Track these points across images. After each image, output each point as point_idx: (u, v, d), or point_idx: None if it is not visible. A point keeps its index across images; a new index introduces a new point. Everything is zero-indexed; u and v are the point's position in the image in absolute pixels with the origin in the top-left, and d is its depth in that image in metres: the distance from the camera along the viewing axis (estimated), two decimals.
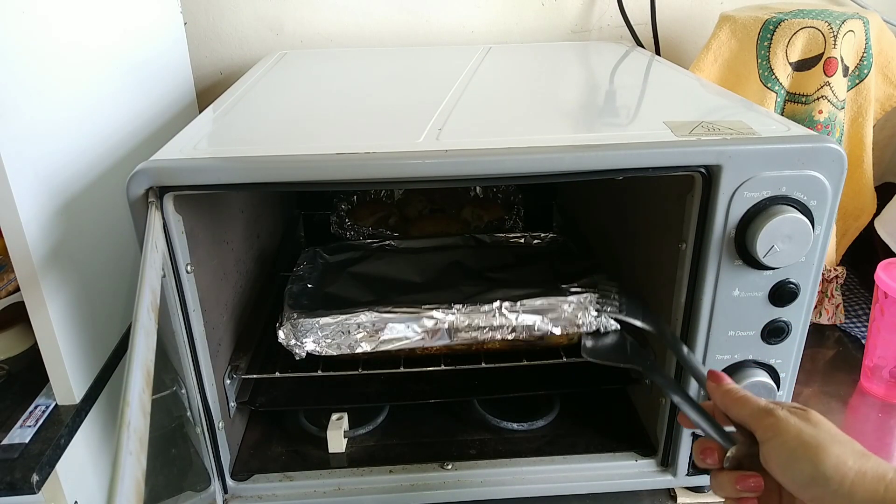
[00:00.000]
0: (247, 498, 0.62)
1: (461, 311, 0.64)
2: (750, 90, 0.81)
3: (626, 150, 0.50)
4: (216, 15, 0.99)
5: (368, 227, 0.93)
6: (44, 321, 0.54)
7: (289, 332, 0.63)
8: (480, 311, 0.64)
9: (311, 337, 0.63)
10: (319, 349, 0.63)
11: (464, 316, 0.64)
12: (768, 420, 0.41)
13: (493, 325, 0.64)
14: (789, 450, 0.40)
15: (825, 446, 0.38)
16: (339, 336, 0.63)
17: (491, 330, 0.64)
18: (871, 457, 0.38)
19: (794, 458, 0.39)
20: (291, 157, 0.50)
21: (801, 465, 0.39)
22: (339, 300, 0.69)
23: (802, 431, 0.40)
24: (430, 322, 0.64)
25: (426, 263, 0.77)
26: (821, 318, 0.88)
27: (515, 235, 0.84)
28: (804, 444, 0.39)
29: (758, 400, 0.43)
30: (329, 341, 0.63)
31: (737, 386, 0.46)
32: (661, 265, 0.61)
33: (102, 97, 0.66)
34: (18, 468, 0.51)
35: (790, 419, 0.41)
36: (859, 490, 0.37)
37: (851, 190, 0.85)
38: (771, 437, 0.41)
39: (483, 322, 0.64)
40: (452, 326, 0.64)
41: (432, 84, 0.75)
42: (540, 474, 0.63)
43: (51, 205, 0.55)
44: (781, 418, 0.41)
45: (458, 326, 0.64)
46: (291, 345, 0.63)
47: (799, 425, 0.40)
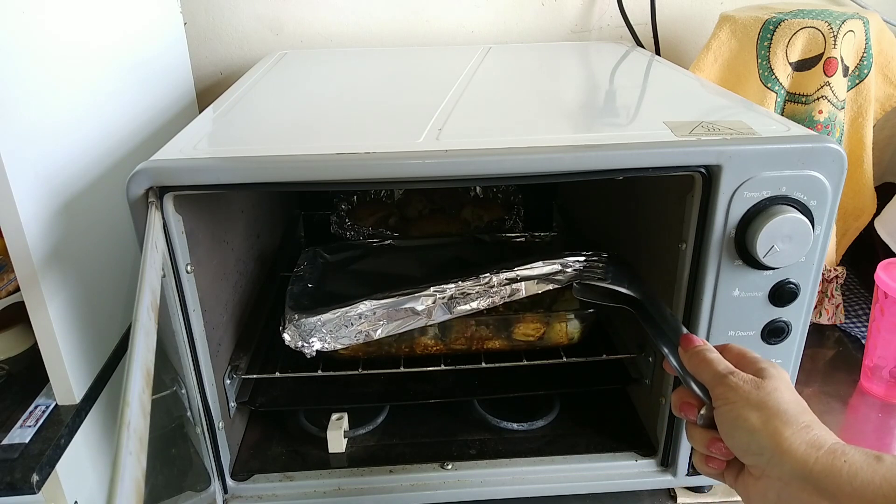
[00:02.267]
0: (247, 498, 0.62)
1: (458, 283, 0.63)
2: (750, 90, 0.81)
3: (626, 150, 0.50)
4: (216, 15, 0.99)
5: (368, 227, 0.93)
6: (44, 321, 0.54)
7: (294, 334, 0.63)
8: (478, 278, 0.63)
9: (317, 335, 0.63)
10: (327, 346, 0.63)
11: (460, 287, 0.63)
12: (720, 388, 0.42)
13: (488, 290, 0.63)
14: (731, 418, 0.40)
15: (765, 417, 0.39)
16: (343, 329, 0.63)
17: (488, 296, 0.63)
18: (813, 429, 0.38)
19: (735, 426, 0.40)
20: (291, 157, 0.50)
21: (739, 433, 0.40)
22: (340, 297, 0.69)
23: (748, 401, 0.40)
24: (429, 299, 0.63)
25: (427, 259, 0.77)
26: (821, 318, 0.88)
27: (516, 235, 0.85)
28: (745, 414, 0.40)
29: (718, 364, 0.43)
30: (334, 336, 0.63)
31: (708, 347, 0.45)
32: (661, 265, 0.61)
33: (102, 97, 0.66)
34: (18, 468, 0.51)
35: (740, 388, 0.41)
36: (789, 459, 0.37)
37: (851, 190, 0.85)
38: (720, 404, 0.42)
39: (479, 288, 0.63)
40: (452, 296, 0.63)
41: (432, 84, 0.75)
42: (540, 474, 0.63)
43: (51, 205, 0.55)
44: (731, 386, 0.41)
45: (455, 295, 0.63)
46: (299, 346, 0.63)
47: (747, 394, 0.40)
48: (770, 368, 0.42)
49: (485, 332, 0.68)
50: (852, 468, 0.35)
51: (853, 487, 0.34)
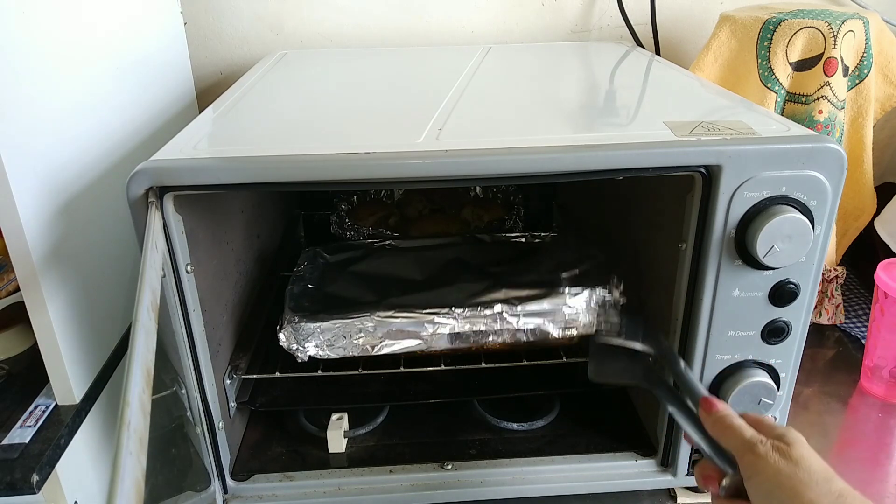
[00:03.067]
0: (247, 498, 0.62)
1: (462, 315, 0.64)
2: (750, 90, 0.81)
3: (626, 150, 0.50)
4: (216, 15, 0.99)
5: (368, 228, 0.93)
6: (44, 321, 0.54)
7: (290, 336, 0.63)
8: (481, 315, 0.64)
9: (313, 341, 0.63)
10: (322, 353, 0.63)
11: (465, 321, 0.64)
12: (749, 457, 0.41)
13: (494, 330, 0.64)
14: (766, 491, 0.40)
15: (799, 490, 0.38)
16: (341, 340, 0.63)
17: (493, 334, 0.65)
18: (845, 497, 0.38)
19: (770, 498, 0.39)
20: (291, 157, 0.50)
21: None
22: (340, 300, 0.69)
23: (780, 472, 0.39)
24: (432, 327, 0.64)
25: (427, 261, 0.77)
26: (821, 318, 0.88)
27: (516, 235, 0.85)
28: (780, 486, 0.39)
29: (744, 432, 0.43)
30: (331, 345, 0.63)
31: (730, 412, 0.45)
32: (661, 265, 0.61)
33: (102, 97, 0.66)
34: (18, 468, 0.51)
35: (769, 457, 0.40)
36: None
37: (851, 190, 0.85)
38: (750, 475, 0.41)
39: (484, 327, 0.64)
40: (453, 332, 0.64)
41: (432, 84, 0.75)
42: (540, 474, 0.63)
43: (51, 205, 0.55)
44: (761, 456, 0.41)
45: (459, 332, 0.64)
46: (293, 349, 0.63)
47: (778, 464, 0.40)
48: (789, 434, 0.42)
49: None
50: None
51: None
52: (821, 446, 0.69)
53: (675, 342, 0.58)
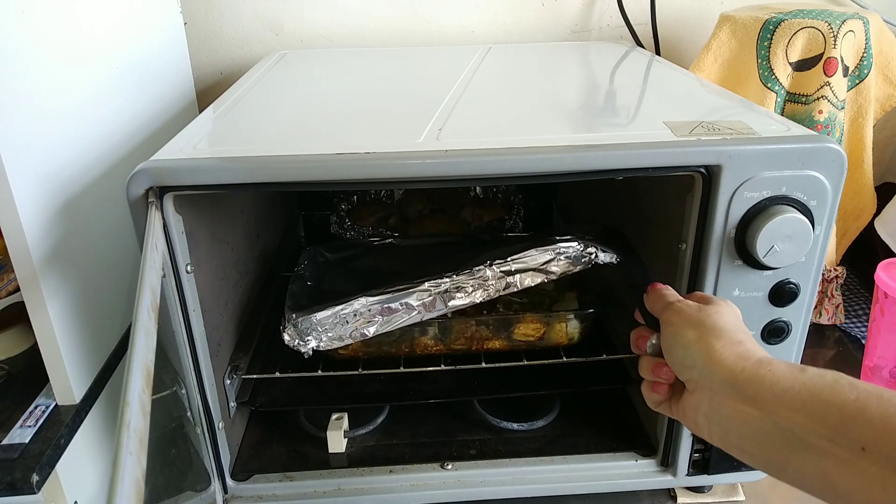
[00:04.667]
0: (247, 498, 0.62)
1: (453, 278, 0.63)
2: (750, 90, 0.81)
3: (626, 150, 0.50)
4: (216, 15, 0.99)
5: (368, 227, 0.93)
6: (44, 321, 0.54)
7: (293, 334, 0.63)
8: (472, 272, 0.63)
9: (313, 334, 0.63)
10: (323, 345, 0.63)
11: (455, 282, 0.63)
12: (666, 314, 0.45)
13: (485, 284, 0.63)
14: (671, 335, 0.43)
15: (701, 332, 0.41)
16: (339, 328, 0.63)
17: (483, 289, 0.63)
18: (744, 343, 0.40)
19: (674, 342, 0.43)
20: (291, 157, 0.50)
21: (677, 349, 0.43)
22: (337, 295, 0.68)
23: (689, 320, 0.43)
24: (424, 294, 0.63)
25: (426, 256, 0.77)
26: (821, 318, 0.88)
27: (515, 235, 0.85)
28: (683, 331, 0.42)
29: (670, 297, 0.47)
30: (330, 335, 0.63)
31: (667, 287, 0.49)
32: (661, 265, 0.61)
33: (102, 97, 0.66)
34: (18, 468, 0.51)
35: (683, 311, 0.44)
36: (718, 369, 0.39)
37: (851, 190, 0.85)
38: (664, 326, 0.44)
39: (475, 282, 0.63)
40: (447, 291, 0.63)
41: (432, 84, 0.75)
42: (540, 474, 0.63)
43: (51, 205, 0.55)
44: (676, 310, 0.44)
45: (450, 289, 0.63)
46: (296, 345, 0.63)
47: (688, 314, 0.43)
48: (720, 300, 0.45)
49: (485, 333, 0.68)
50: (775, 376, 0.37)
51: (774, 393, 0.36)
52: None
53: None
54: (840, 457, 0.32)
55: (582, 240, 0.63)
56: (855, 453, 0.32)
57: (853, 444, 0.32)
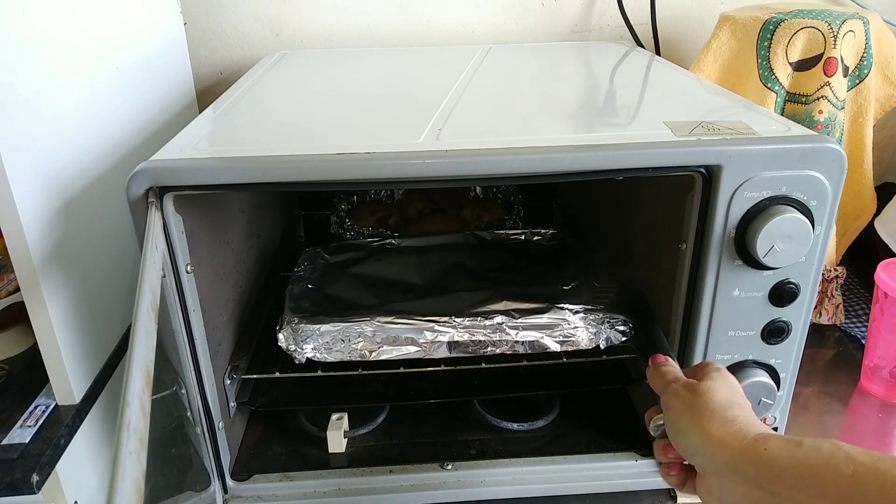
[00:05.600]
0: (247, 498, 0.62)
1: (461, 325, 0.64)
2: (750, 90, 0.81)
3: (626, 150, 0.50)
4: (216, 15, 0.99)
5: (368, 228, 0.93)
6: (44, 321, 0.54)
7: (289, 336, 0.63)
8: (481, 325, 0.64)
9: (312, 343, 0.63)
10: (319, 356, 0.63)
11: (464, 330, 0.64)
12: (665, 395, 0.45)
13: (493, 341, 0.64)
14: (671, 423, 0.43)
15: (695, 417, 0.41)
16: (339, 344, 0.63)
17: (491, 345, 0.64)
18: (737, 423, 0.40)
19: (675, 430, 0.43)
20: (291, 157, 0.50)
21: (677, 436, 0.42)
22: (340, 302, 0.69)
23: (684, 403, 0.43)
24: (431, 335, 0.64)
25: (427, 264, 0.77)
26: (821, 318, 0.88)
27: (516, 232, 0.85)
28: (682, 416, 0.42)
29: (667, 375, 0.46)
30: (329, 349, 0.63)
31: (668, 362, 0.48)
32: (661, 265, 0.61)
33: (102, 97, 0.66)
34: (18, 468, 0.51)
35: (679, 392, 0.44)
36: (718, 454, 0.39)
37: (851, 190, 0.85)
38: (665, 410, 0.44)
39: (483, 337, 0.64)
40: (453, 340, 0.64)
41: (432, 84, 0.75)
42: (540, 474, 0.63)
43: (51, 205, 0.55)
44: (671, 392, 0.44)
45: (458, 340, 0.64)
46: (291, 350, 0.63)
47: (684, 398, 0.43)
48: (712, 372, 0.45)
49: None
50: (771, 455, 0.37)
51: (773, 473, 0.36)
52: None
53: (676, 342, 0.58)
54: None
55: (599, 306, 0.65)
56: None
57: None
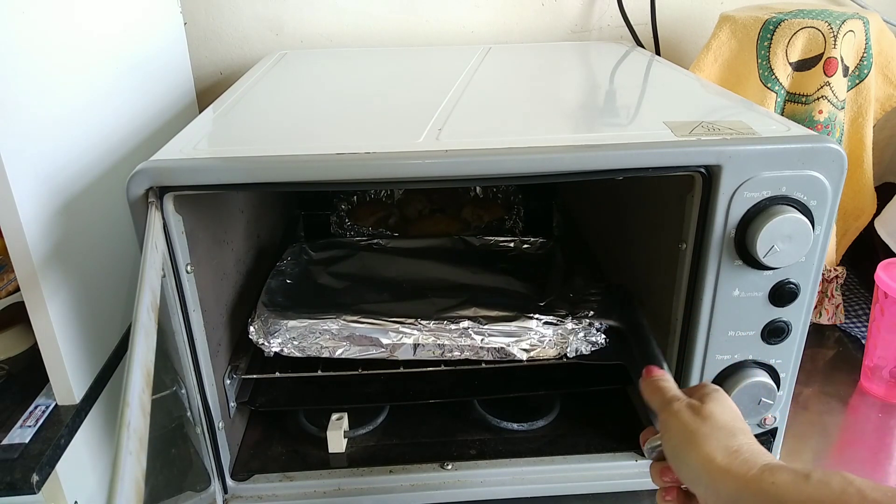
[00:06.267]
0: (247, 498, 0.62)
1: (426, 327, 0.64)
2: (750, 90, 0.81)
3: (626, 150, 0.50)
4: (216, 15, 0.99)
5: (368, 227, 0.93)
6: (44, 321, 0.54)
7: (259, 329, 0.63)
8: (447, 329, 0.64)
9: (279, 338, 0.63)
10: (286, 350, 0.63)
11: (429, 333, 0.64)
12: (664, 415, 0.43)
13: (458, 346, 0.64)
14: (672, 445, 0.41)
15: (699, 443, 0.40)
16: (305, 339, 0.64)
17: (456, 350, 0.64)
18: (742, 453, 0.38)
19: (675, 453, 0.41)
20: (291, 157, 0.50)
21: (678, 461, 0.41)
22: (313, 298, 0.69)
23: (686, 427, 0.41)
24: (396, 336, 0.64)
25: (408, 266, 0.77)
26: (821, 318, 0.88)
27: (505, 240, 0.84)
28: (683, 440, 0.40)
29: (666, 393, 0.45)
30: (296, 343, 0.63)
31: (664, 377, 0.47)
32: (661, 265, 0.61)
33: (102, 97, 0.66)
34: (18, 468, 0.51)
35: (681, 413, 0.42)
36: (722, 486, 0.38)
37: (851, 190, 0.85)
38: (664, 431, 0.42)
39: (448, 342, 0.64)
40: (417, 342, 0.64)
41: (432, 84, 0.75)
42: (540, 474, 0.63)
43: (51, 205, 0.55)
44: (673, 413, 0.42)
45: (422, 343, 0.64)
46: (260, 343, 0.63)
47: (685, 420, 0.41)
48: (713, 393, 0.43)
49: None
50: (779, 490, 0.35)
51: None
52: (821, 446, 0.70)
53: (675, 342, 0.58)
54: None
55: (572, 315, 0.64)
56: None
57: None
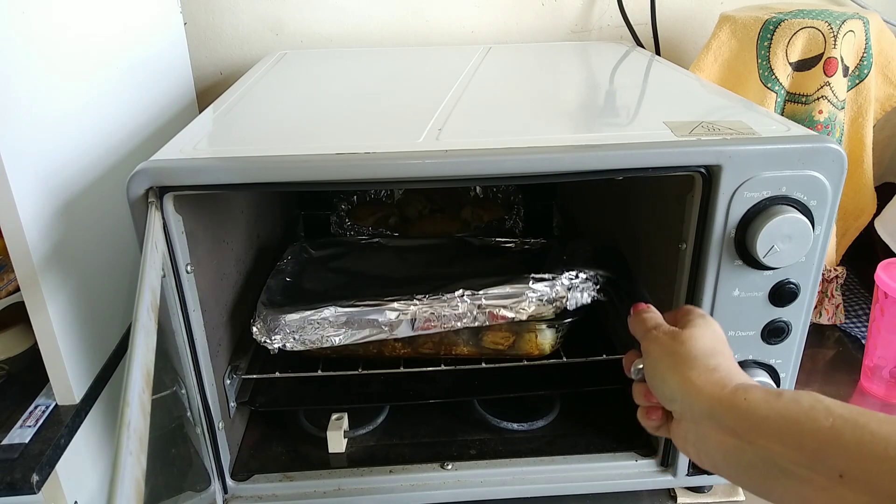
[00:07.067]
0: (247, 498, 0.62)
1: (423, 301, 0.63)
2: (750, 90, 0.81)
3: (626, 150, 0.50)
4: (216, 15, 0.99)
5: (368, 227, 0.93)
6: (44, 321, 0.54)
7: (261, 329, 0.63)
8: (442, 300, 0.63)
9: (280, 334, 0.63)
10: (289, 345, 0.63)
11: (426, 306, 0.63)
12: (645, 342, 0.45)
13: (456, 314, 0.63)
14: (651, 368, 0.44)
15: (676, 364, 0.41)
16: (306, 332, 0.63)
17: (455, 319, 0.63)
18: (718, 371, 0.40)
19: (654, 376, 0.43)
20: (291, 157, 0.50)
21: (656, 382, 0.43)
22: (311, 294, 0.69)
23: (665, 350, 0.43)
24: (393, 314, 0.63)
25: (407, 262, 0.77)
26: (821, 318, 0.88)
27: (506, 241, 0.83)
28: (662, 362, 0.42)
29: (649, 322, 0.46)
30: (297, 337, 0.63)
31: (650, 309, 0.48)
32: (661, 265, 0.61)
33: (102, 97, 0.66)
34: (18, 468, 0.51)
35: (661, 339, 0.44)
36: (696, 401, 0.39)
37: (851, 190, 0.85)
38: (645, 356, 0.45)
39: (446, 311, 0.63)
40: (415, 317, 0.63)
41: (432, 84, 0.75)
42: (540, 474, 0.63)
43: (51, 205, 0.55)
44: (653, 338, 0.44)
45: (420, 317, 0.63)
46: (263, 341, 0.63)
47: (665, 344, 0.43)
48: (697, 319, 0.45)
49: (453, 338, 0.67)
50: (751, 405, 0.37)
51: (751, 423, 0.36)
52: None
53: None
54: (819, 483, 0.33)
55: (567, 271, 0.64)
56: (833, 480, 0.32)
57: (831, 471, 0.32)
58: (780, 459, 0.34)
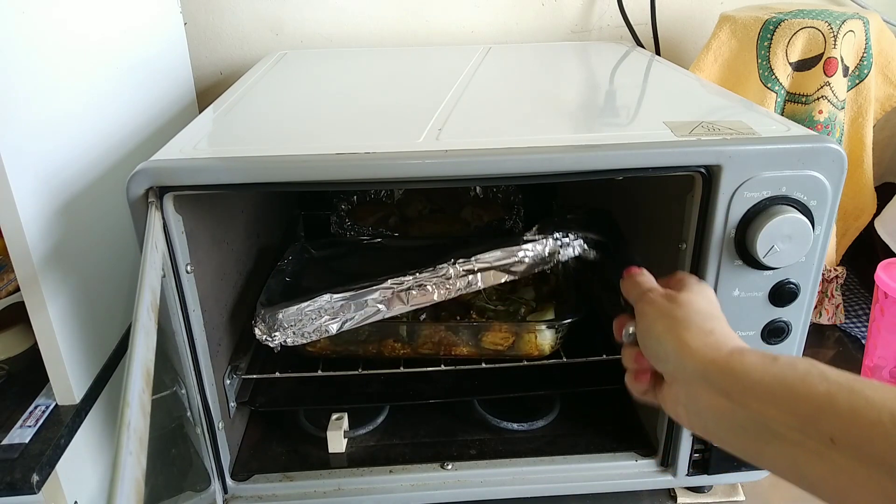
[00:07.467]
0: (247, 498, 0.62)
1: (416, 276, 0.62)
2: (750, 90, 0.81)
3: (626, 150, 0.50)
4: (216, 15, 0.99)
5: (368, 228, 0.93)
6: (44, 321, 0.54)
7: (262, 328, 0.63)
8: (434, 269, 0.62)
9: (279, 330, 0.63)
10: (290, 340, 0.63)
11: (417, 279, 0.62)
12: (639, 304, 0.45)
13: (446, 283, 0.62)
14: (645, 330, 0.43)
15: (672, 326, 0.41)
16: (303, 324, 0.63)
17: (444, 287, 0.62)
18: (714, 334, 0.40)
19: (649, 336, 0.43)
20: (291, 157, 0.50)
21: (650, 341, 0.42)
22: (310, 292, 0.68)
23: (661, 312, 0.42)
24: (388, 291, 0.62)
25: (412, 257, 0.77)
26: (821, 318, 0.88)
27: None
28: (657, 325, 0.42)
29: (643, 284, 0.46)
30: (295, 330, 0.63)
31: (642, 272, 0.48)
32: (661, 265, 0.61)
33: (102, 97, 0.66)
34: (18, 468, 0.51)
35: (656, 301, 0.44)
36: (690, 362, 0.39)
37: (851, 190, 0.85)
38: (639, 319, 0.44)
39: (438, 279, 0.62)
40: (408, 289, 0.62)
41: (432, 84, 0.75)
42: (540, 474, 0.63)
43: (51, 205, 0.55)
44: (649, 301, 0.44)
45: (412, 287, 0.62)
46: (265, 340, 0.63)
47: (661, 306, 0.43)
48: (692, 283, 0.45)
49: (452, 338, 0.67)
50: (746, 368, 0.36)
51: (745, 385, 0.36)
52: None
53: None
54: (810, 448, 0.32)
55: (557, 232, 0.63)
56: (825, 445, 0.32)
57: (823, 435, 0.32)
58: (773, 423, 0.34)
